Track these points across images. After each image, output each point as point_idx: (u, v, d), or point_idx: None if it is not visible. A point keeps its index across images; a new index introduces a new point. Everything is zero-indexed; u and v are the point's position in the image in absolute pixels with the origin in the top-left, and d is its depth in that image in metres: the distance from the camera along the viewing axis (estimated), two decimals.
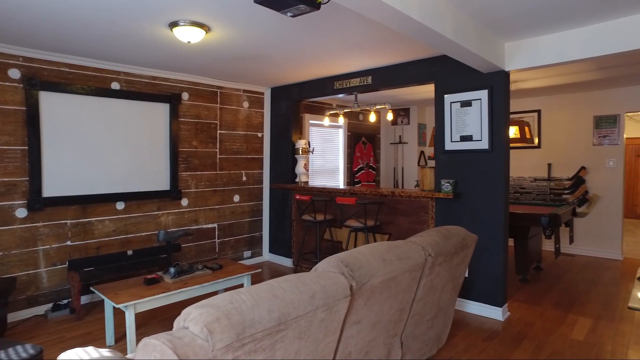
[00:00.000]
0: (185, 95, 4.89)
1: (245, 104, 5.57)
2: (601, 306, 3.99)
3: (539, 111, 6.47)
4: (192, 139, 4.98)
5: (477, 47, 3.02)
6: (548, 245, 6.31)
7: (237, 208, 5.50)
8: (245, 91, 5.56)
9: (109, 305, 3.11)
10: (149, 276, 3.17)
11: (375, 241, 4.54)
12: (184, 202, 4.91)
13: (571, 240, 5.44)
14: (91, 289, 3.10)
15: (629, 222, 9.59)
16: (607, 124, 5.92)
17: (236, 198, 5.48)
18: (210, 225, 5.19)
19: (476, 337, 3.28)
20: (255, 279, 4.82)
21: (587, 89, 5.95)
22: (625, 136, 6.02)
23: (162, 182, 4.70)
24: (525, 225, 4.60)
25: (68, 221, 3.99)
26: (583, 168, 6.06)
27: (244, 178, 5.58)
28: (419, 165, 7.74)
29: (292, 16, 2.25)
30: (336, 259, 1.72)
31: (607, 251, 5.94)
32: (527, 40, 3.48)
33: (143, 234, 4.54)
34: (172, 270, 3.19)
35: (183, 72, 4.75)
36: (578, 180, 6.01)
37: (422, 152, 7.85)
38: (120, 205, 4.35)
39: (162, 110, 4.68)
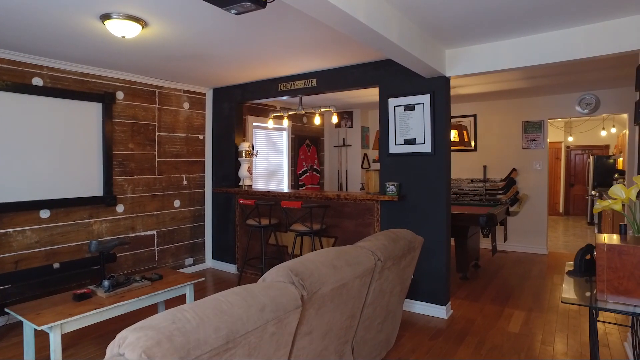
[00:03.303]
0: (120, 95, 4.56)
1: (186, 105, 5.32)
2: (532, 299, 4.26)
3: (474, 116, 6.83)
4: (128, 141, 4.66)
5: (420, 52, 3.09)
6: (484, 244, 6.67)
7: (177, 213, 5.23)
8: (185, 91, 5.31)
9: (28, 327, 2.78)
10: (79, 291, 2.89)
11: (321, 245, 4.51)
12: (120, 208, 4.58)
13: (505, 238, 5.78)
14: (6, 310, 2.76)
15: (550, 219, 10.44)
16: (533, 129, 6.38)
17: (177, 203, 5.21)
18: (148, 233, 4.89)
19: (422, 337, 3.35)
20: (198, 288, 4.61)
21: (516, 96, 6.37)
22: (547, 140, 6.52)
23: (94, 188, 4.34)
24: (465, 225, 4.81)
25: None
26: (514, 170, 6.48)
27: (185, 182, 5.32)
28: (362, 167, 7.87)
29: (237, 14, 2.15)
30: (285, 268, 1.64)
31: (534, 246, 6.39)
32: (466, 49, 3.63)
33: (72, 244, 4.16)
34: (106, 283, 2.93)
35: (118, 70, 4.43)
36: (510, 181, 6.41)
37: (365, 155, 7.98)
38: (44, 214, 3.95)
39: (94, 110, 4.33)
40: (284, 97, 5.05)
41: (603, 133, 9.47)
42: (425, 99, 3.79)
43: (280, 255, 4.99)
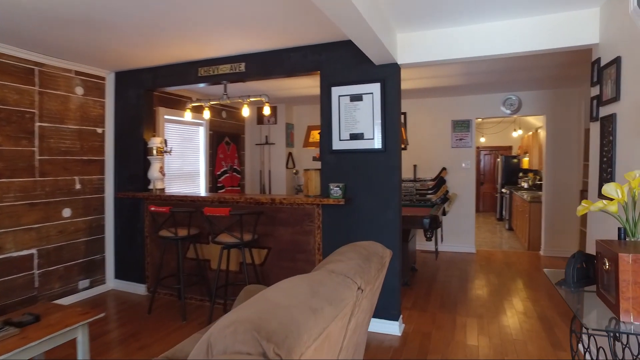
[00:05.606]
0: None
1: (79, 90, 4.27)
2: (479, 303, 4.07)
3: (404, 114, 6.66)
4: None
5: (379, 30, 2.62)
6: (418, 246, 6.51)
7: (68, 225, 4.16)
8: (78, 73, 4.26)
9: None
10: None
11: (252, 257, 3.85)
12: None
13: (442, 239, 5.64)
14: None
15: None
16: (462, 127, 6.38)
17: (66, 212, 4.15)
18: (24, 253, 3.78)
19: None
20: (96, 325, 3.62)
21: (446, 95, 6.31)
22: None
23: None
24: (407, 228, 4.50)
25: None
26: (444, 169, 6.42)
27: (78, 186, 4.27)
28: (287, 168, 7.31)
29: None
30: (248, 329, 1.01)
31: (464, 245, 6.39)
32: (420, 33, 3.25)
33: None
34: None
35: None
36: (440, 180, 6.33)
37: (290, 154, 7.44)
38: None
39: None
40: (201, 85, 4.27)
41: (515, 134, 10.09)
42: (375, 88, 3.35)
43: (201, 271, 4.21)
